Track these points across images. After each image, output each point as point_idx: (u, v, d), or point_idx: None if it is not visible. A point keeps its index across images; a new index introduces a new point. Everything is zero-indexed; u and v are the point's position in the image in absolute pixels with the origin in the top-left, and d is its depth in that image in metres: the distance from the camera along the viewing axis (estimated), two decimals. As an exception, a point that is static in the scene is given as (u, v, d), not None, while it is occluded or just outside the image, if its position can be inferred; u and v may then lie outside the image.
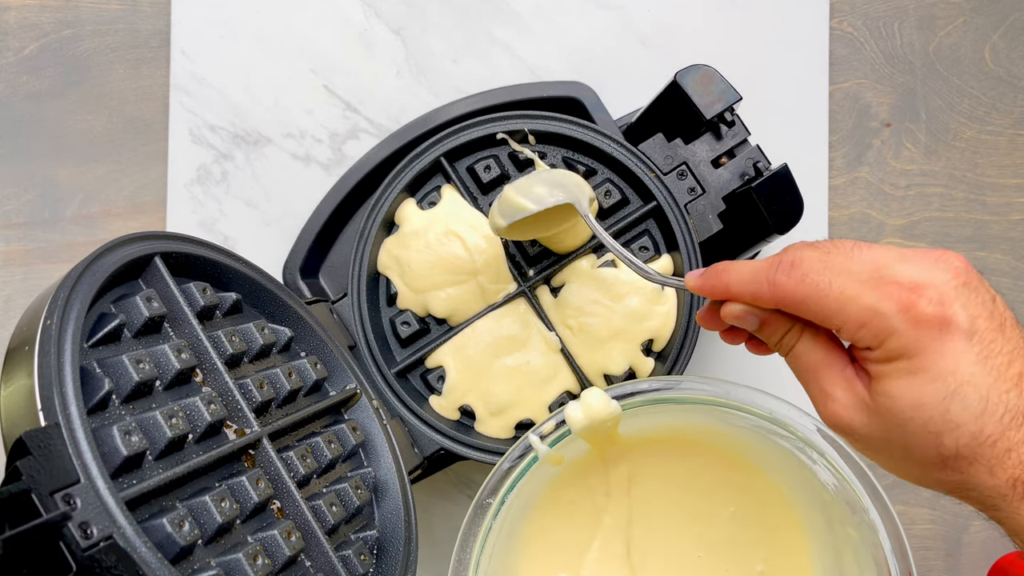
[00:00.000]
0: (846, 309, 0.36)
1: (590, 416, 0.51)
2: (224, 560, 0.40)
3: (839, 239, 0.39)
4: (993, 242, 0.69)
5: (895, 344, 0.36)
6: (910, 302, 0.35)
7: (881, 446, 0.38)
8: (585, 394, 0.51)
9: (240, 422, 0.45)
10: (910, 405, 0.35)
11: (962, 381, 0.35)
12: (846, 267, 0.37)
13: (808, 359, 0.39)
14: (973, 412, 0.35)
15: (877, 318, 0.36)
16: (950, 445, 0.35)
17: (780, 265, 0.38)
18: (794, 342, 0.40)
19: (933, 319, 0.35)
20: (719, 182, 0.59)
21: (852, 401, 0.38)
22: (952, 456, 0.35)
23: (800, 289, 0.37)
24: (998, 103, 0.70)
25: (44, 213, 0.69)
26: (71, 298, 0.39)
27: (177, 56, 0.69)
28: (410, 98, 0.69)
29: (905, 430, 0.36)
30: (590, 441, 0.53)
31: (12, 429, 0.36)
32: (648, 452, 0.56)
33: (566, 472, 0.55)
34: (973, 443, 0.35)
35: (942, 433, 0.35)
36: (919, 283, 0.36)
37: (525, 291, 0.59)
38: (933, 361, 0.35)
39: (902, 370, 0.36)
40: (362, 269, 0.59)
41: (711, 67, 0.57)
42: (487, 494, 0.51)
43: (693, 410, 0.52)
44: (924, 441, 0.36)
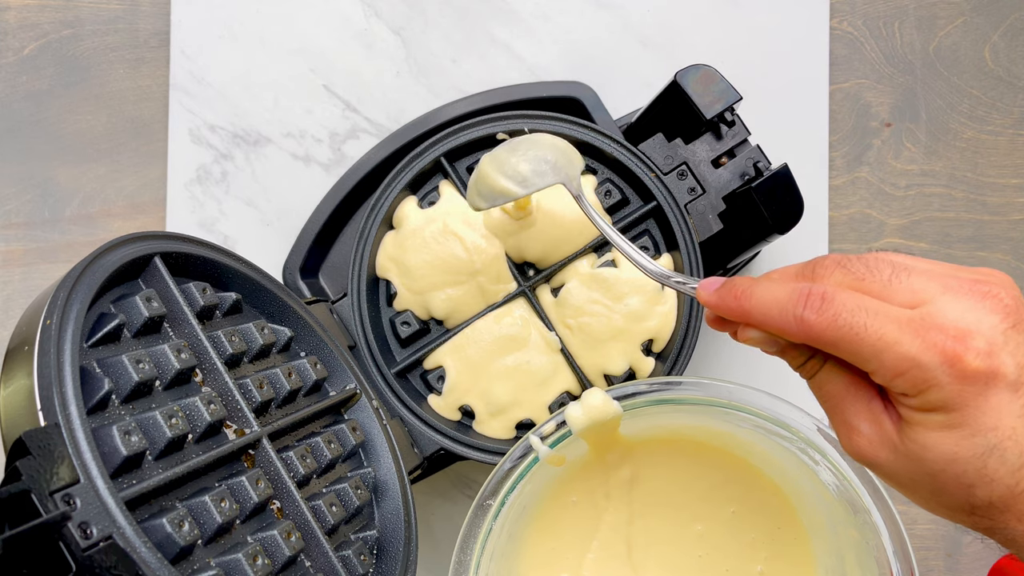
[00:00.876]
0: (882, 356, 0.33)
1: (591, 416, 0.51)
2: (224, 560, 0.40)
3: (877, 253, 0.36)
4: (993, 242, 0.69)
5: (935, 397, 0.33)
6: (956, 355, 0.32)
7: (907, 484, 0.35)
8: (586, 394, 0.51)
9: (240, 422, 0.45)
10: (944, 458, 0.33)
11: (1003, 437, 0.33)
12: (885, 309, 0.34)
13: (832, 388, 0.36)
14: (1011, 467, 0.33)
15: (918, 369, 0.32)
16: (983, 496, 0.33)
17: (809, 300, 0.35)
18: (816, 369, 0.37)
19: (980, 374, 0.32)
20: (719, 182, 0.59)
21: (879, 438, 0.35)
22: (984, 506, 0.34)
23: (831, 330, 0.34)
24: (998, 103, 0.70)
25: (44, 213, 0.69)
26: (71, 298, 0.39)
27: (177, 56, 0.69)
28: (410, 98, 0.69)
29: (934, 478, 0.34)
30: (591, 442, 0.53)
31: (12, 429, 0.36)
32: (649, 453, 0.56)
33: (567, 473, 0.55)
34: (1008, 495, 0.33)
35: (975, 486, 0.33)
36: (966, 331, 0.33)
37: (525, 291, 0.59)
38: (975, 417, 0.33)
39: (939, 423, 0.33)
40: (362, 269, 0.59)
41: (711, 67, 0.57)
42: (488, 495, 0.51)
43: (694, 411, 0.52)
44: (955, 491, 0.34)
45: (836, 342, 0.34)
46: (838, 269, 0.35)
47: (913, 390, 0.33)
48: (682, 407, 0.52)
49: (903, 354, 0.33)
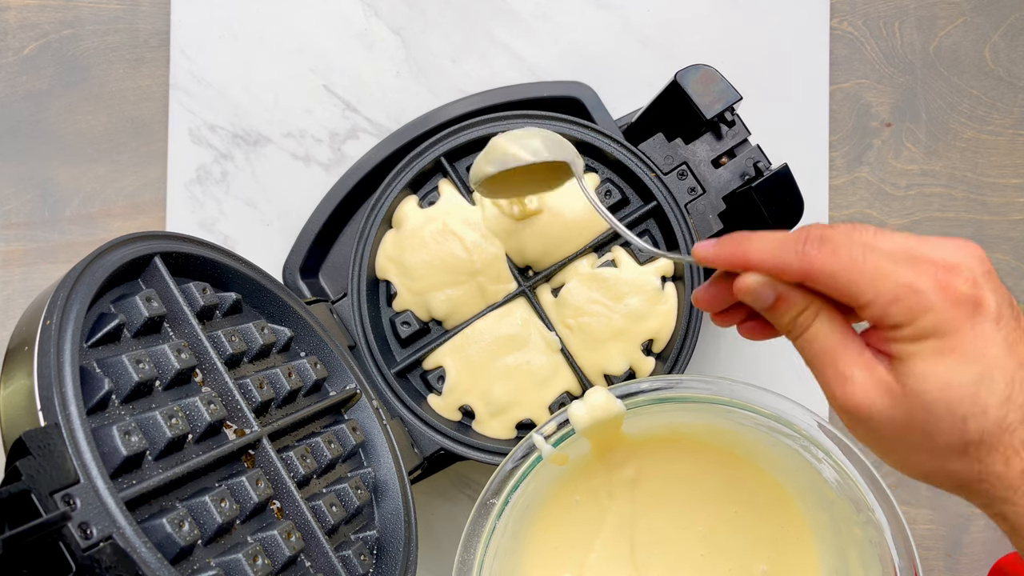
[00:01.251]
0: (879, 284, 0.35)
1: (594, 415, 0.51)
2: (224, 560, 0.40)
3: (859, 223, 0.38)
4: (993, 242, 0.69)
5: (928, 322, 0.35)
6: (947, 281, 0.35)
7: (898, 432, 0.36)
8: (589, 393, 0.51)
9: (240, 422, 0.45)
10: (939, 385, 0.35)
11: (991, 364, 0.35)
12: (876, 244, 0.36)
13: (825, 341, 0.37)
14: (1000, 396, 0.34)
15: (914, 294, 0.35)
16: (975, 429, 0.35)
17: (810, 237, 0.37)
18: (809, 322, 0.38)
19: (968, 299, 0.35)
20: (719, 182, 0.59)
21: (873, 384, 0.36)
22: (975, 442, 0.35)
23: (832, 262, 0.36)
24: (998, 103, 0.70)
25: (44, 213, 0.69)
26: (71, 298, 0.39)
27: (177, 56, 0.69)
28: (410, 98, 0.69)
29: (930, 413, 0.35)
30: (594, 441, 0.53)
31: (12, 429, 0.36)
32: (652, 452, 0.56)
33: (570, 472, 0.55)
34: (997, 429, 0.34)
35: (968, 417, 0.34)
36: (954, 263, 0.35)
37: (525, 291, 0.59)
38: (965, 341, 0.35)
39: (932, 349, 0.35)
40: (362, 269, 0.59)
41: (711, 67, 0.57)
42: (491, 494, 0.51)
43: (697, 409, 0.52)
44: (949, 425, 0.35)
45: (835, 274, 0.36)
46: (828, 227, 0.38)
47: (908, 316, 0.35)
48: (684, 405, 0.52)
49: (900, 280, 0.35)
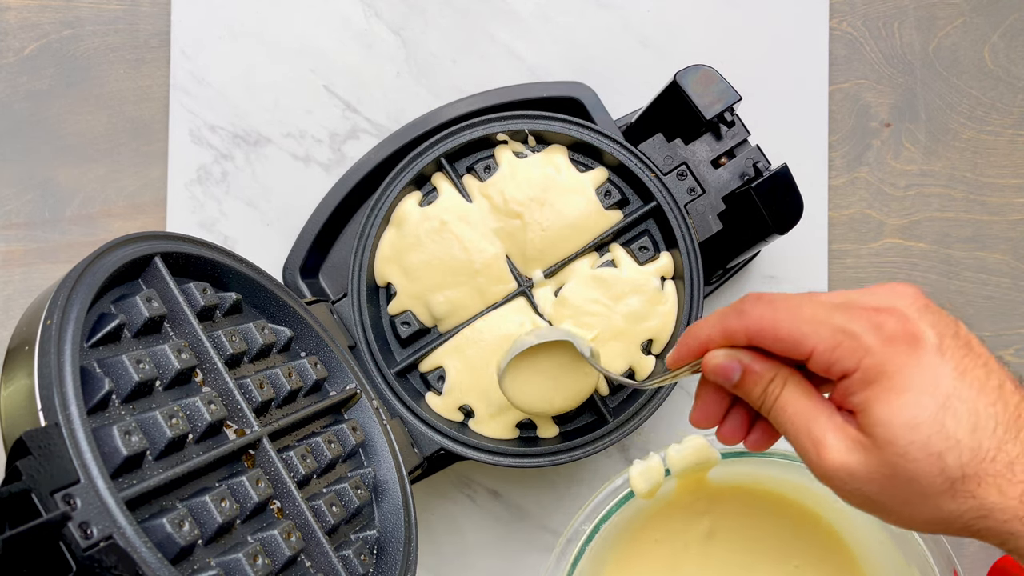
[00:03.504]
0: (819, 331, 0.36)
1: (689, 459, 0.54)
2: (224, 560, 0.40)
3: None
4: (993, 242, 0.69)
5: (871, 363, 0.35)
6: (878, 321, 0.35)
7: (885, 487, 0.36)
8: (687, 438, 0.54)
9: (240, 422, 0.45)
10: (906, 426, 0.34)
11: (948, 394, 0.34)
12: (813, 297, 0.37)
13: (795, 408, 0.38)
14: (967, 426, 0.34)
15: (850, 338, 0.35)
16: (953, 464, 0.34)
17: (746, 298, 0.38)
18: (778, 391, 0.38)
19: (902, 335, 0.35)
20: (719, 182, 0.59)
21: (847, 444, 0.36)
22: (959, 477, 0.34)
23: (770, 314, 0.37)
24: (998, 103, 0.70)
25: (44, 213, 0.69)
26: (71, 298, 0.39)
27: (177, 56, 0.69)
28: (410, 98, 0.69)
29: (907, 457, 0.34)
30: (681, 482, 0.56)
31: (12, 429, 0.36)
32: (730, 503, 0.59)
33: (653, 508, 0.57)
34: (975, 459, 0.34)
35: (943, 453, 0.34)
36: (883, 306, 0.36)
37: (525, 291, 0.59)
38: (915, 377, 0.35)
39: (887, 391, 0.35)
40: (362, 269, 0.59)
41: (711, 67, 0.57)
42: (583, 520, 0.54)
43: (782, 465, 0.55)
44: (928, 466, 0.34)
45: (776, 324, 0.37)
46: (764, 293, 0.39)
47: (852, 361, 0.35)
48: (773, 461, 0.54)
49: (836, 325, 0.36)
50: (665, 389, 0.57)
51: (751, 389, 0.39)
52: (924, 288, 0.68)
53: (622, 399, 0.60)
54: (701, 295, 0.58)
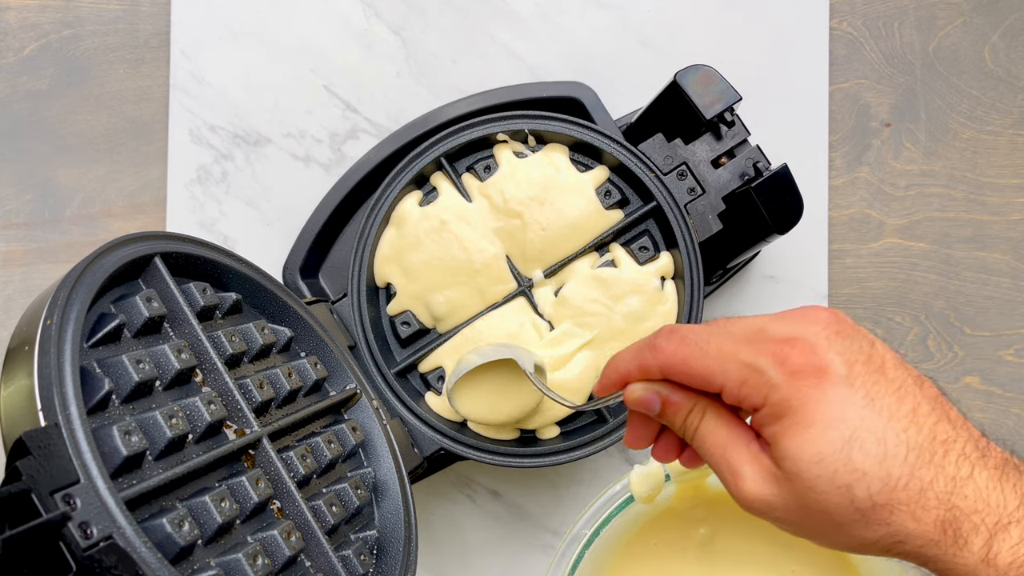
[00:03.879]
0: (726, 367, 0.36)
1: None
2: (224, 560, 0.40)
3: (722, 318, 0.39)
4: (993, 242, 0.69)
5: (777, 398, 0.35)
6: (784, 355, 0.35)
7: (802, 517, 0.36)
8: None
9: (240, 422, 0.45)
10: (812, 460, 0.34)
11: (855, 426, 0.34)
12: (725, 330, 0.37)
13: (714, 439, 0.38)
14: (875, 457, 0.34)
15: (755, 374, 0.35)
16: (862, 495, 0.34)
17: (660, 332, 0.38)
18: (698, 422, 0.38)
19: (808, 368, 0.35)
20: (719, 182, 0.59)
21: (760, 475, 0.36)
22: (869, 508, 0.34)
23: (680, 350, 0.37)
24: (998, 103, 0.70)
25: (44, 213, 0.69)
26: (71, 298, 0.39)
27: (177, 56, 0.69)
28: (410, 98, 0.69)
29: (815, 491, 0.34)
30: (680, 487, 0.56)
31: (12, 429, 0.36)
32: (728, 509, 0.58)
33: (652, 513, 0.57)
34: (885, 489, 0.33)
35: (851, 484, 0.34)
36: (790, 337, 0.35)
37: (525, 291, 0.59)
38: (820, 411, 0.34)
39: (793, 425, 0.35)
40: (362, 269, 0.59)
41: (711, 67, 0.57)
42: (583, 524, 0.54)
43: None
44: (837, 498, 0.34)
45: (686, 359, 0.37)
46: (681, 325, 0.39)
47: (758, 397, 0.35)
48: None
49: (742, 361, 0.35)
50: None
51: (672, 419, 0.39)
52: (925, 288, 0.68)
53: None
54: (701, 295, 0.58)
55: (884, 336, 0.38)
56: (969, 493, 0.33)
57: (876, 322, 0.69)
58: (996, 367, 0.69)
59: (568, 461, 0.58)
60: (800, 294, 0.68)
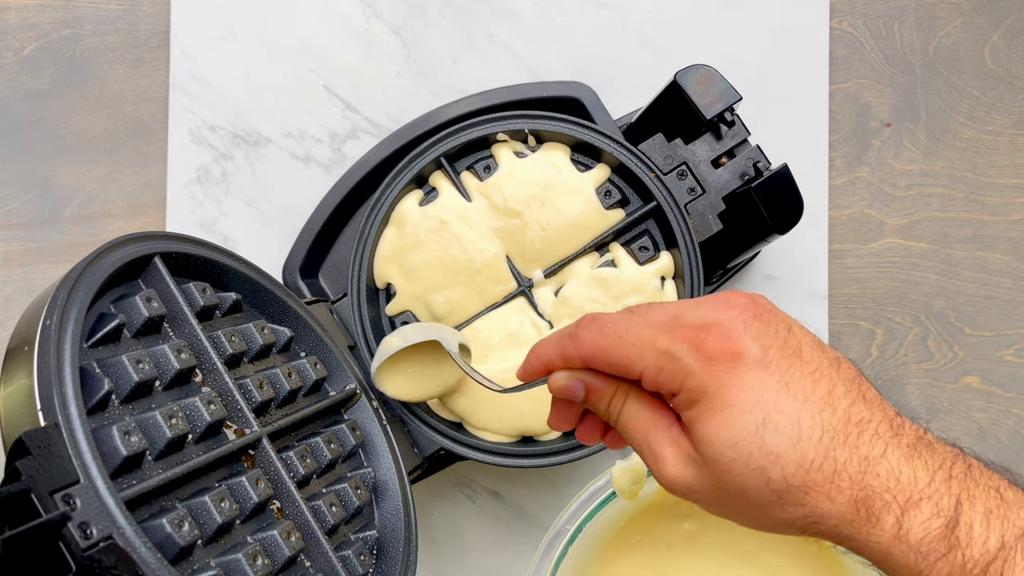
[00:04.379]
0: (643, 355, 0.36)
1: None
2: (224, 560, 0.40)
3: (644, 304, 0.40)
4: (993, 242, 0.69)
5: (693, 384, 0.35)
6: (699, 340, 0.35)
7: (721, 498, 0.36)
8: None
9: (240, 422, 0.45)
10: (726, 444, 0.35)
11: (769, 409, 0.34)
12: (644, 317, 0.37)
13: (636, 423, 0.38)
14: (789, 439, 0.34)
15: (671, 360, 0.36)
16: (777, 477, 0.34)
17: (581, 321, 0.39)
18: (620, 406, 0.39)
19: (723, 353, 0.35)
20: (719, 182, 0.59)
21: (681, 458, 0.37)
22: (784, 489, 0.34)
23: (600, 340, 0.38)
24: (998, 103, 0.70)
25: (44, 213, 0.69)
26: (71, 298, 0.39)
27: (177, 56, 0.69)
28: (410, 98, 0.69)
29: (731, 473, 0.35)
30: None
31: (12, 429, 0.36)
32: None
33: (636, 509, 0.57)
34: (799, 471, 0.34)
35: (766, 467, 0.34)
36: (707, 323, 0.36)
37: (525, 291, 0.59)
38: (734, 395, 0.35)
39: (709, 410, 0.35)
40: (362, 269, 0.59)
41: (711, 67, 0.57)
42: (566, 521, 0.54)
43: None
44: (753, 480, 0.34)
45: (605, 348, 0.37)
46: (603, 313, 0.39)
47: (675, 383, 0.36)
48: None
49: (659, 348, 0.36)
50: None
51: (596, 404, 0.40)
52: (925, 288, 0.68)
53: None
54: (701, 295, 0.58)
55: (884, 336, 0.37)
56: (881, 472, 0.34)
57: (876, 322, 0.69)
58: (996, 367, 0.69)
59: (568, 461, 0.58)
60: (800, 294, 0.68)
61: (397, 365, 0.54)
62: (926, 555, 0.33)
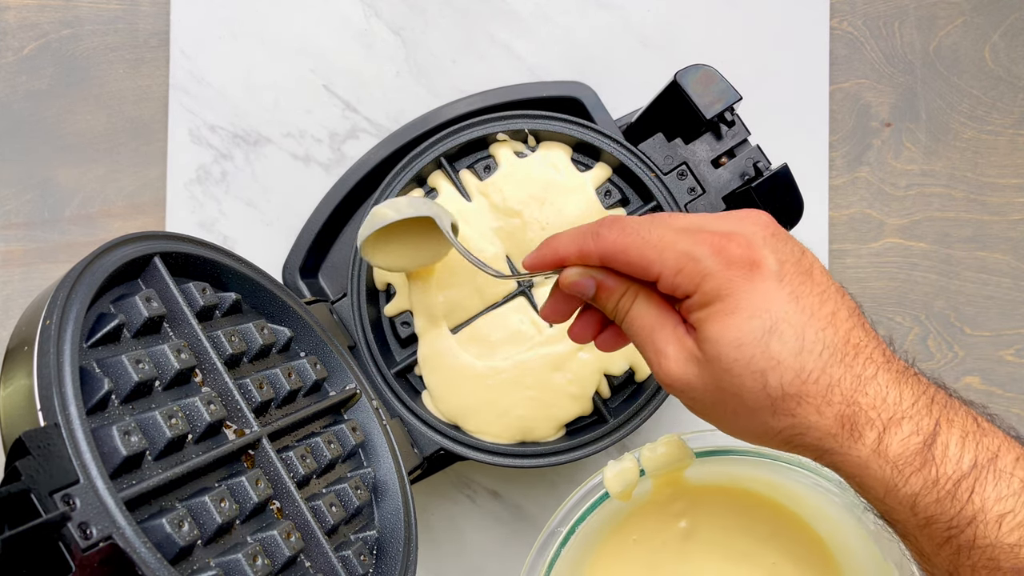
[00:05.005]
0: (664, 255, 0.38)
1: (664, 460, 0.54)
2: (224, 560, 0.40)
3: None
4: (993, 242, 0.69)
5: (709, 286, 0.37)
6: (721, 246, 0.37)
7: (715, 398, 0.38)
8: (663, 438, 0.54)
9: (240, 422, 0.45)
10: (732, 344, 0.36)
11: (777, 318, 0.36)
12: (667, 222, 0.39)
13: (643, 321, 0.40)
14: (792, 348, 0.36)
15: (692, 262, 0.37)
16: (775, 383, 0.36)
17: (603, 221, 0.40)
18: (629, 305, 0.40)
19: (743, 260, 0.37)
20: (719, 182, 0.59)
21: (683, 355, 0.38)
22: (779, 396, 0.36)
23: (621, 239, 0.39)
24: (998, 103, 0.70)
25: (44, 213, 0.69)
26: (70, 298, 0.39)
27: (177, 56, 0.69)
28: (410, 98, 0.69)
29: (732, 373, 0.36)
30: (657, 482, 0.56)
31: (11, 429, 0.36)
32: (708, 502, 0.58)
33: (630, 509, 0.57)
34: (796, 380, 0.36)
35: (766, 371, 0.36)
36: (730, 231, 0.38)
37: (525, 291, 0.59)
38: (747, 300, 0.36)
39: (718, 312, 0.37)
40: (362, 269, 0.59)
41: (711, 67, 0.57)
42: (559, 522, 0.54)
43: (759, 463, 0.55)
44: (751, 382, 0.36)
45: (626, 248, 0.39)
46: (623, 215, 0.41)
47: (692, 285, 0.37)
48: (748, 459, 0.54)
49: (680, 250, 0.37)
50: (664, 391, 0.57)
51: (605, 303, 0.41)
52: (925, 288, 0.68)
53: (622, 399, 0.60)
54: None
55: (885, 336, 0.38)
56: (871, 391, 0.36)
57: (876, 322, 0.68)
58: (996, 367, 0.69)
59: (568, 461, 0.58)
60: (800, 294, 0.68)
61: (386, 237, 0.54)
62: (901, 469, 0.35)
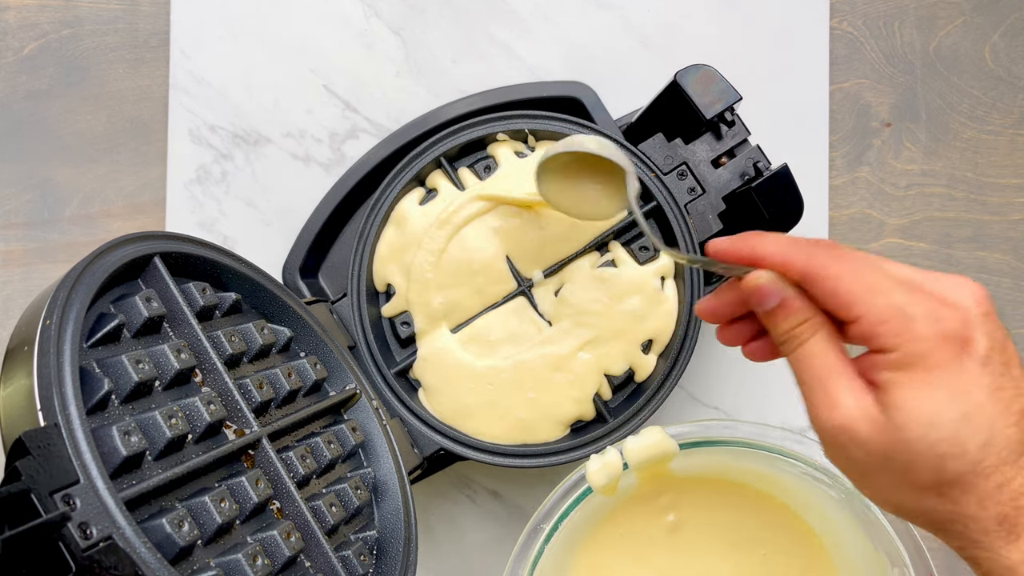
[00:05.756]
0: (875, 300, 0.35)
1: (647, 453, 0.53)
2: (224, 560, 0.40)
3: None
4: (993, 242, 0.69)
5: (915, 350, 0.35)
6: (939, 312, 0.35)
7: (878, 464, 0.36)
8: (644, 430, 0.53)
9: (240, 422, 0.45)
10: (924, 421, 0.34)
11: (975, 406, 0.34)
12: (879, 266, 0.37)
13: (820, 360, 0.37)
14: (980, 440, 0.34)
15: (903, 318, 0.35)
16: (952, 470, 0.34)
17: (820, 242, 0.38)
18: (807, 336, 0.38)
19: (957, 336, 0.35)
20: (719, 182, 0.59)
21: (860, 413, 0.36)
22: (950, 483, 0.35)
23: (835, 265, 0.37)
24: (998, 103, 0.70)
25: (44, 213, 0.69)
26: (70, 298, 0.39)
27: (176, 56, 0.69)
28: (410, 98, 0.69)
29: (910, 449, 0.35)
30: (642, 476, 0.55)
31: (11, 429, 0.36)
32: (694, 495, 0.58)
33: (615, 504, 0.57)
34: (972, 472, 0.34)
35: (947, 457, 0.34)
36: (949, 300, 0.36)
37: (525, 291, 0.59)
38: (952, 379, 0.35)
39: (918, 382, 0.35)
40: (362, 269, 0.59)
41: (711, 67, 0.57)
42: (542, 518, 0.53)
43: (744, 454, 0.54)
44: (927, 463, 0.35)
45: (837, 276, 0.36)
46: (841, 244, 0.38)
47: (895, 341, 0.35)
48: (734, 449, 0.54)
49: (892, 302, 0.35)
50: (664, 391, 0.57)
51: (780, 322, 0.39)
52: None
53: (622, 399, 0.60)
54: (701, 295, 0.58)
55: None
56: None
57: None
58: (996, 367, 0.69)
59: (568, 461, 0.58)
60: (800, 294, 0.68)
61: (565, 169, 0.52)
62: None
